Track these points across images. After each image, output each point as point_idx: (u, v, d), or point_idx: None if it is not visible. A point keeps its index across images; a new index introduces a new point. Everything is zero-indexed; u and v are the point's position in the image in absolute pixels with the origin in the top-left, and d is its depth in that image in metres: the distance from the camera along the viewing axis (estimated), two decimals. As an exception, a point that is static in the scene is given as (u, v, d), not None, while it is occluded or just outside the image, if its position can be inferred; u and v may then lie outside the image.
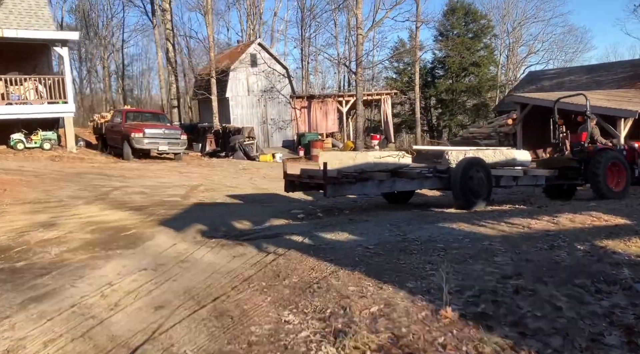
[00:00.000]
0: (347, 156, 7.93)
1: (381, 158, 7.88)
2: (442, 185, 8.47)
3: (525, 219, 7.19)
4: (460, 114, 42.67)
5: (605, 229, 6.75)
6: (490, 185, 8.50)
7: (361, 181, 7.57)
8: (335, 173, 7.27)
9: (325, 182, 7.14)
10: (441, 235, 6.01)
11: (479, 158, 8.54)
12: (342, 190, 7.46)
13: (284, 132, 25.40)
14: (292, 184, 8.08)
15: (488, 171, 8.48)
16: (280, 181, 14.52)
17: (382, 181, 7.76)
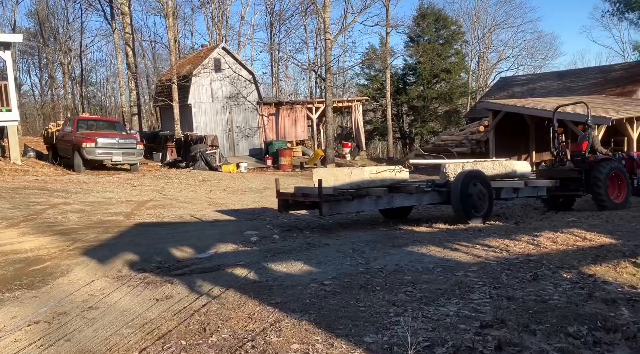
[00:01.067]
0: (343, 173, 7.63)
1: (378, 173, 7.60)
2: (441, 199, 8.10)
3: (503, 241, 6.46)
4: (432, 121, 42.37)
5: (591, 251, 6.06)
6: (491, 198, 8.19)
7: (358, 198, 7.23)
8: (331, 191, 6.91)
9: (321, 200, 6.77)
10: (409, 263, 5.21)
11: (478, 171, 8.20)
12: (339, 208, 7.09)
13: (251, 140, 24.43)
14: (286, 203, 7.66)
15: (488, 184, 8.17)
16: (242, 193, 13.66)
17: (379, 197, 7.45)
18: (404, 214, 8.98)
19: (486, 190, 8.10)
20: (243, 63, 24.29)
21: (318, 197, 6.82)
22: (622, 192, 9.79)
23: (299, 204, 7.56)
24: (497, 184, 8.52)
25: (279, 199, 7.68)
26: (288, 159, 21.63)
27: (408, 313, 3.76)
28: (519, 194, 8.92)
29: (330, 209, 6.97)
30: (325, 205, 6.84)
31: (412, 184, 8.00)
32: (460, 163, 9.13)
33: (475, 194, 7.91)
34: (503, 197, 8.69)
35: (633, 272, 5.29)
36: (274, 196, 12.88)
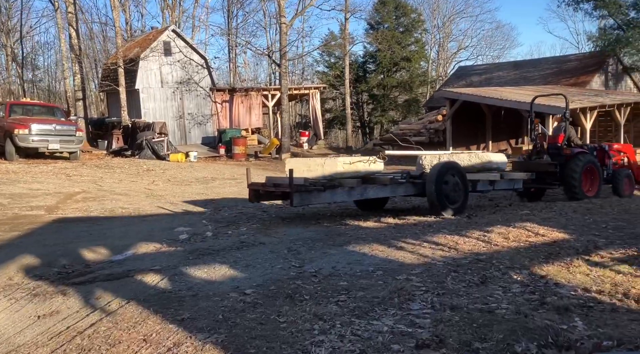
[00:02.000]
0: (315, 163, 7.49)
1: (351, 164, 7.46)
2: (416, 191, 7.98)
3: (453, 237, 6.02)
4: (392, 110, 42.23)
5: (543, 248, 5.69)
6: (467, 190, 8.09)
7: (330, 189, 7.07)
8: (303, 181, 6.78)
9: (292, 190, 6.63)
10: (348, 266, 4.68)
11: (454, 162, 8.08)
12: (311, 198, 6.94)
13: (203, 128, 23.47)
14: (257, 193, 7.50)
15: (464, 176, 8.05)
16: (187, 184, 12.91)
17: (352, 188, 7.30)
18: (379, 205, 8.77)
19: (462, 182, 7.97)
20: (195, 47, 23.24)
21: (289, 188, 6.65)
22: (594, 185, 9.79)
23: (270, 195, 7.46)
24: (473, 176, 8.40)
25: (250, 189, 7.49)
26: (242, 148, 20.86)
27: (336, 329, 3.22)
28: (495, 187, 8.84)
29: (302, 199, 6.80)
30: (296, 195, 6.66)
31: (386, 176, 7.82)
32: (436, 155, 8.93)
33: (450, 186, 7.77)
34: (479, 189, 8.61)
35: (586, 271, 4.93)
36: (220, 187, 12.27)
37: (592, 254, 5.56)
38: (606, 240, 6.23)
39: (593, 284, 4.50)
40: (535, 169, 9.56)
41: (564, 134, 9.96)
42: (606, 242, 6.13)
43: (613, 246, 5.94)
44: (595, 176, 9.85)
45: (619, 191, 10.21)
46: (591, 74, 24.70)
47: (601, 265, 5.19)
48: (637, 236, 6.43)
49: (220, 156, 21.01)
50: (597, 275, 4.82)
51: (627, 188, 10.34)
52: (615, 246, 5.94)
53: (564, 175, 9.44)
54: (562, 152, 9.74)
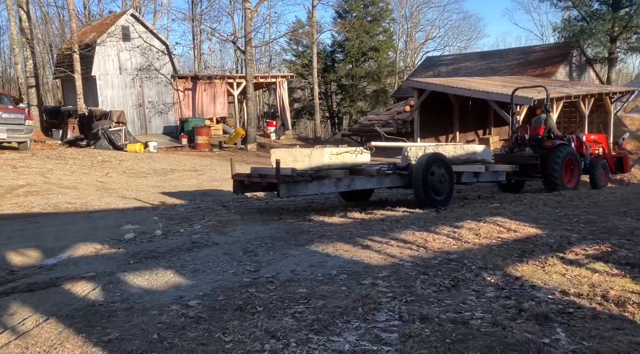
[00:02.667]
0: (302, 153, 7.37)
1: (338, 155, 7.45)
2: (402, 183, 7.94)
3: (422, 234, 5.65)
4: (361, 100, 41.94)
5: (516, 245, 5.39)
6: (452, 182, 8.11)
7: (317, 180, 6.97)
8: (289, 171, 6.64)
9: (279, 181, 6.52)
10: (309, 269, 4.25)
11: (440, 154, 8.05)
12: (297, 190, 6.82)
13: (165, 117, 22.57)
14: (242, 184, 7.34)
15: (449, 167, 8.05)
16: (143, 176, 12.22)
17: (339, 179, 7.21)
18: (365, 196, 8.72)
19: (447, 174, 7.97)
20: (155, 32, 22.26)
21: (275, 179, 6.54)
22: (574, 176, 9.83)
23: (256, 186, 7.33)
24: (459, 168, 8.40)
25: (234, 180, 7.33)
26: (205, 138, 20.14)
27: (290, 349, 2.78)
28: (479, 179, 8.87)
29: (289, 190, 6.68)
30: (282, 186, 6.55)
31: (373, 167, 7.77)
32: (422, 146, 8.98)
33: (436, 178, 7.77)
34: (464, 181, 8.64)
35: (562, 271, 4.63)
36: (179, 180, 11.65)
37: (566, 251, 5.28)
38: (579, 235, 5.98)
39: (571, 286, 4.20)
40: (518, 162, 9.54)
41: (545, 125, 9.93)
42: (579, 237, 5.88)
43: (586, 242, 5.70)
44: (574, 167, 9.88)
45: (596, 181, 10.32)
46: (556, 65, 24.87)
47: (576, 263, 4.92)
48: (609, 231, 6.21)
49: (182, 146, 20.25)
50: (573, 275, 4.54)
51: (603, 179, 10.50)
52: (589, 242, 5.69)
53: (546, 167, 9.44)
54: (543, 144, 9.72)
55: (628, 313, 3.67)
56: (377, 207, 8.07)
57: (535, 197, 8.91)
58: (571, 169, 9.86)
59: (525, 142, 9.92)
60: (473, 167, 8.70)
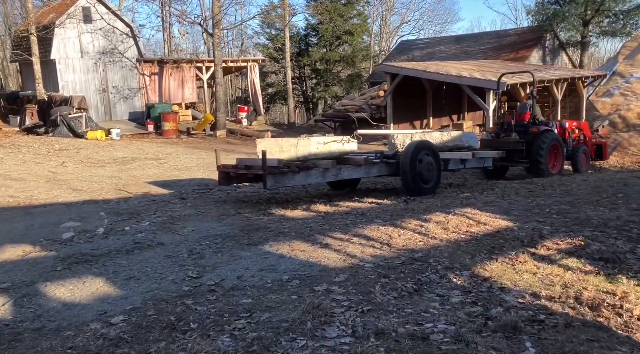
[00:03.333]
0: (288, 143, 7.27)
1: (325, 144, 7.41)
2: (389, 171, 7.89)
3: (387, 229, 5.29)
4: (335, 85, 41.41)
5: (485, 240, 5.07)
6: (440, 169, 8.06)
7: (305, 170, 6.87)
8: (276, 162, 6.52)
9: (265, 172, 6.39)
10: (258, 274, 3.84)
11: (427, 141, 7.97)
12: (284, 181, 6.71)
13: (131, 103, 21.72)
14: (227, 176, 7.16)
15: (437, 155, 8.00)
16: (101, 166, 11.57)
17: (327, 169, 7.12)
18: (352, 184, 8.64)
19: (435, 161, 7.92)
20: (118, 14, 21.30)
21: (262, 170, 6.41)
22: (558, 162, 9.93)
23: (242, 177, 7.21)
24: (446, 155, 8.36)
25: (219, 171, 7.14)
26: (172, 124, 19.44)
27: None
28: (466, 165, 8.86)
29: (276, 182, 6.57)
30: (269, 177, 6.45)
31: (360, 156, 7.72)
32: (409, 134, 8.90)
33: (424, 166, 7.71)
34: (451, 168, 8.60)
35: (533, 269, 4.33)
36: (139, 169, 11.06)
37: (538, 246, 5.00)
38: (551, 227, 5.71)
39: (542, 287, 3.90)
40: (503, 147, 9.57)
41: (530, 111, 9.94)
42: (551, 229, 5.61)
43: (558, 235, 5.42)
44: (558, 153, 9.96)
45: (578, 166, 10.48)
46: (530, 48, 24.75)
47: (548, 260, 4.63)
48: (582, 222, 5.96)
49: (148, 133, 19.52)
50: (545, 274, 4.24)
51: (584, 164, 10.68)
52: (561, 235, 5.42)
53: (531, 153, 9.49)
54: (528, 130, 9.75)
55: (603, 318, 3.37)
56: (344, 198, 7.70)
57: (507, 186, 8.66)
58: (555, 154, 9.91)
59: (511, 128, 9.91)
60: (460, 154, 8.62)
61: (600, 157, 11.74)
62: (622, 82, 26.83)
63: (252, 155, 13.56)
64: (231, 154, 14.58)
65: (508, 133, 9.95)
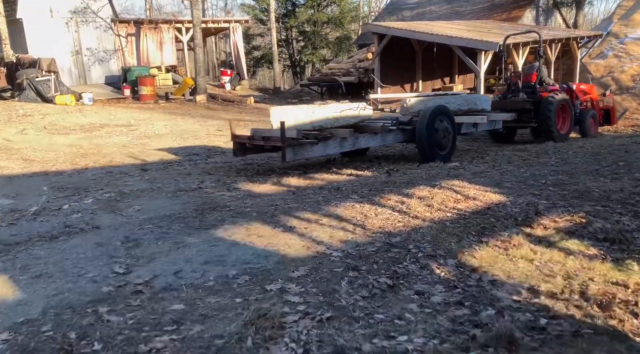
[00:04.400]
0: (304, 112, 6.91)
1: (341, 112, 7.13)
2: (405, 138, 7.65)
3: (363, 207, 4.64)
4: (324, 48, 40.12)
5: (475, 219, 4.44)
6: (455, 135, 7.79)
7: (323, 141, 6.59)
8: (295, 133, 6.19)
9: (284, 144, 6.11)
10: (202, 267, 3.18)
11: (443, 106, 7.65)
12: (303, 152, 6.43)
13: (106, 66, 20.61)
14: (243, 147, 6.87)
15: (453, 120, 7.70)
16: (65, 134, 10.65)
17: (344, 138, 6.85)
18: (361, 152, 8.22)
19: (451, 127, 7.63)
20: (89, -31, 19.92)
21: (280, 141, 6.11)
22: (566, 123, 9.73)
23: (258, 148, 6.85)
24: (460, 119, 8.08)
25: (234, 142, 6.87)
26: (150, 88, 18.43)
27: None
28: (477, 129, 8.65)
29: (295, 154, 6.28)
30: (289, 150, 6.16)
31: (377, 123, 7.43)
32: (423, 98, 8.65)
33: (440, 132, 7.42)
34: (463, 132, 8.41)
35: (530, 255, 3.72)
36: (105, 137, 10.21)
37: (534, 224, 4.39)
38: (547, 201, 5.10)
39: (541, 279, 3.29)
40: (512, 108, 9.34)
41: (537, 73, 9.73)
42: (548, 204, 4.99)
43: (556, 210, 4.82)
44: (567, 115, 9.75)
45: (586, 131, 10.24)
46: (523, 8, 23.74)
47: (546, 242, 4.03)
48: (581, 195, 5.35)
49: (125, 98, 18.55)
50: (543, 260, 3.63)
51: (592, 128, 10.44)
52: (559, 210, 4.82)
53: (539, 114, 9.33)
54: (536, 91, 9.58)
55: (616, 320, 2.77)
56: (321, 169, 7.03)
57: (499, 154, 8.02)
58: (563, 116, 9.72)
59: (519, 89, 9.69)
60: (475, 118, 8.34)
61: (608, 122, 11.42)
62: (616, 43, 25.93)
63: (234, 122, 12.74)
64: (209, 120, 13.77)
65: (515, 94, 9.70)
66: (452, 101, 8.17)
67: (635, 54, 25.34)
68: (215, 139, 10.59)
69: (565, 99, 9.70)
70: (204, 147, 9.57)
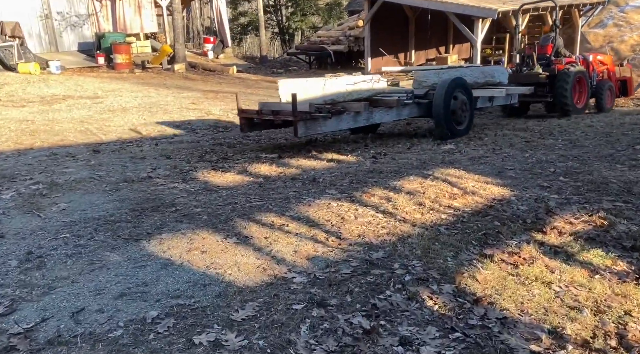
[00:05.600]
0: (315, 84, 6.53)
1: (355, 85, 6.76)
2: (420, 112, 7.22)
3: (340, 206, 3.82)
4: (313, 14, 38.62)
5: (475, 222, 3.66)
6: (472, 109, 7.43)
7: (337, 115, 6.23)
8: (308, 107, 5.86)
9: (296, 118, 5.73)
10: (113, 303, 2.38)
11: (461, 78, 7.27)
12: (316, 127, 6.05)
13: (80, 32, 19.30)
14: (251, 122, 6.46)
15: (470, 93, 7.32)
16: (20, 106, 9.65)
17: (358, 113, 6.44)
18: (373, 128, 7.80)
19: (468, 100, 7.25)
20: None
21: (292, 116, 5.71)
22: (582, 96, 9.31)
23: (266, 123, 6.46)
24: (477, 92, 7.67)
25: (240, 117, 6.43)
26: (125, 56, 17.26)
27: None
28: (493, 103, 8.24)
29: (307, 128, 5.92)
30: (301, 124, 5.78)
31: (392, 97, 6.98)
32: (436, 70, 8.14)
33: (458, 106, 7.05)
34: (478, 106, 7.97)
35: (546, 276, 2.99)
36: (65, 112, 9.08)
37: (546, 228, 3.64)
38: (559, 195, 4.33)
39: (565, 316, 2.54)
40: (528, 81, 8.93)
41: (553, 44, 9.28)
42: (560, 199, 4.23)
43: (570, 207, 4.06)
44: (583, 87, 9.33)
45: (603, 104, 9.74)
46: (522, -26, 22.53)
47: (564, 253, 3.28)
48: (598, 187, 4.60)
49: (98, 67, 17.38)
50: (564, 284, 2.88)
51: (609, 101, 9.96)
52: (574, 207, 4.06)
53: (556, 88, 8.95)
54: (551, 63, 9.14)
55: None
56: (299, 152, 6.19)
57: (499, 135, 7.21)
58: (580, 89, 9.30)
59: (533, 61, 9.25)
60: (493, 91, 7.94)
61: (624, 94, 10.88)
62: (616, 12, 24.89)
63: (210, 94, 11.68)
64: (184, 92, 12.75)
65: (530, 67, 9.25)
66: (468, 74, 7.81)
67: (635, 22, 24.28)
68: (188, 113, 9.66)
69: (582, 71, 9.23)
70: (173, 122, 8.66)
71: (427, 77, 7.34)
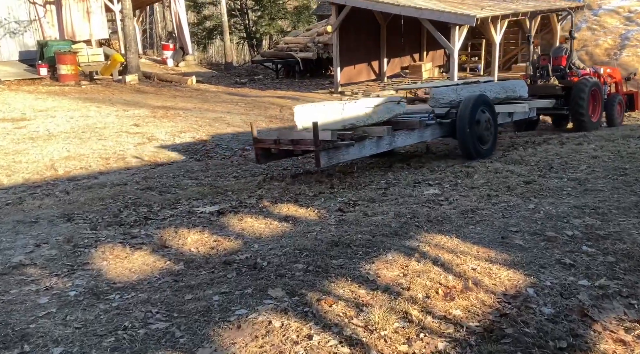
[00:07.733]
0: (333, 108, 6.09)
1: (375, 107, 6.28)
2: (442, 133, 6.91)
3: (284, 327, 2.52)
4: (281, 18, 37.30)
5: (485, 350, 2.40)
6: (497, 127, 7.22)
7: (359, 142, 5.84)
8: (329, 135, 5.44)
9: (318, 147, 5.34)
10: None
11: (484, 95, 7.02)
12: (338, 156, 5.67)
13: (21, 40, 17.56)
14: (267, 153, 6.09)
15: (493, 110, 7.09)
16: None
17: (380, 137, 6.10)
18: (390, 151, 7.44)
19: (492, 118, 6.98)
20: None
21: (314, 145, 5.38)
22: (597, 110, 9.12)
23: (285, 154, 6.26)
24: (499, 108, 7.42)
25: (256, 147, 6.13)
26: (70, 67, 15.62)
27: None
28: (513, 118, 7.96)
29: (329, 158, 5.62)
30: (323, 154, 5.46)
31: (413, 118, 6.75)
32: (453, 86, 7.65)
33: (483, 125, 6.77)
34: (499, 123, 7.63)
35: None
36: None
37: (589, 356, 2.40)
38: (590, 281, 3.20)
39: None
40: (541, 94, 8.78)
41: (567, 55, 9.12)
42: (594, 291, 3.08)
43: (612, 305, 2.92)
44: (598, 101, 9.14)
45: (614, 119, 9.47)
46: (496, -23, 21.68)
47: None
48: (637, 263, 3.42)
49: (41, 78, 15.72)
50: None
51: (619, 115, 9.75)
52: (616, 304, 2.91)
53: (571, 101, 8.79)
54: (566, 75, 9.05)
55: None
56: (247, 203, 4.87)
57: (490, 169, 5.99)
58: (594, 103, 9.08)
59: (548, 73, 9.10)
60: (515, 106, 7.69)
61: (631, 108, 10.59)
62: (589, 15, 24.30)
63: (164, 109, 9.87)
64: (131, 109, 11.24)
65: (545, 78, 9.07)
66: (488, 89, 7.50)
67: (609, 26, 23.66)
68: (126, 140, 8.24)
69: (597, 84, 9.07)
70: (103, 154, 7.24)
71: (445, 95, 6.93)
